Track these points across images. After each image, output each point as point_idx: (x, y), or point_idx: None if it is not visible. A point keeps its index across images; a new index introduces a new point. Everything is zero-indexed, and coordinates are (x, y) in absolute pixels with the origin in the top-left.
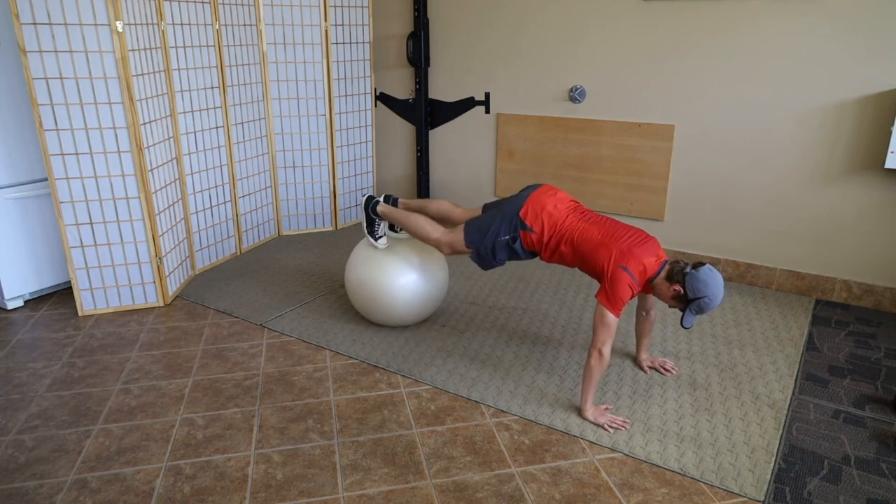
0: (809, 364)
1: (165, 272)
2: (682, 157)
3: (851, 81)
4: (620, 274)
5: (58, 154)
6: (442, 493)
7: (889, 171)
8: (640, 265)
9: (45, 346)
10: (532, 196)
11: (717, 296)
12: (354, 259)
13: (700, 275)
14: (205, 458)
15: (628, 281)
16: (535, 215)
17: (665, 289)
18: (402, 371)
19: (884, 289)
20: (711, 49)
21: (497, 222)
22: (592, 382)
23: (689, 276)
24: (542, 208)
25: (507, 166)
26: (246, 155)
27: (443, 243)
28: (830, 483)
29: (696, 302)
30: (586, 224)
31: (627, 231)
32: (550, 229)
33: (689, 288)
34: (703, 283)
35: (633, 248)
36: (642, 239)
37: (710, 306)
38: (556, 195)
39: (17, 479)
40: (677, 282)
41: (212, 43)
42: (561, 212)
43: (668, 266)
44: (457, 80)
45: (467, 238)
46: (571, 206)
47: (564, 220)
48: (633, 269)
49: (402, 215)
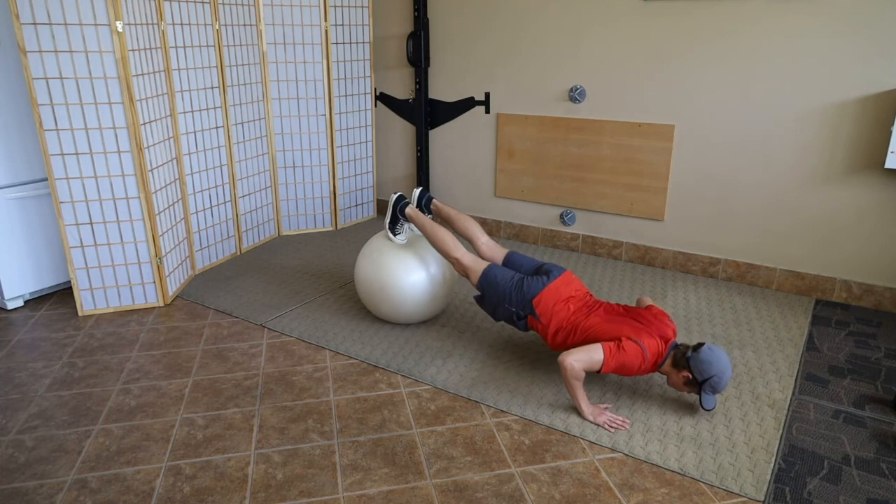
0: (809, 364)
1: (165, 272)
2: (682, 157)
3: (851, 81)
4: (633, 345)
5: (58, 154)
6: (442, 493)
7: (889, 171)
8: (655, 345)
9: (45, 346)
10: (549, 287)
11: (725, 371)
12: (367, 250)
13: (701, 356)
14: (205, 458)
15: (639, 352)
16: (546, 308)
17: (675, 376)
18: (402, 371)
19: (884, 289)
20: (711, 49)
21: (511, 294)
22: (575, 389)
23: (692, 360)
24: (554, 303)
25: (507, 166)
26: (246, 155)
27: (459, 264)
28: (830, 483)
29: (707, 382)
30: (596, 318)
31: (638, 314)
32: (557, 325)
33: (696, 371)
34: (706, 364)
35: (646, 329)
36: (651, 320)
37: (722, 383)
38: (571, 287)
39: (17, 479)
40: (683, 367)
41: (212, 43)
42: (571, 308)
43: (673, 352)
44: (457, 80)
45: (482, 282)
46: (583, 300)
47: (572, 316)
48: (647, 346)
49: (428, 225)
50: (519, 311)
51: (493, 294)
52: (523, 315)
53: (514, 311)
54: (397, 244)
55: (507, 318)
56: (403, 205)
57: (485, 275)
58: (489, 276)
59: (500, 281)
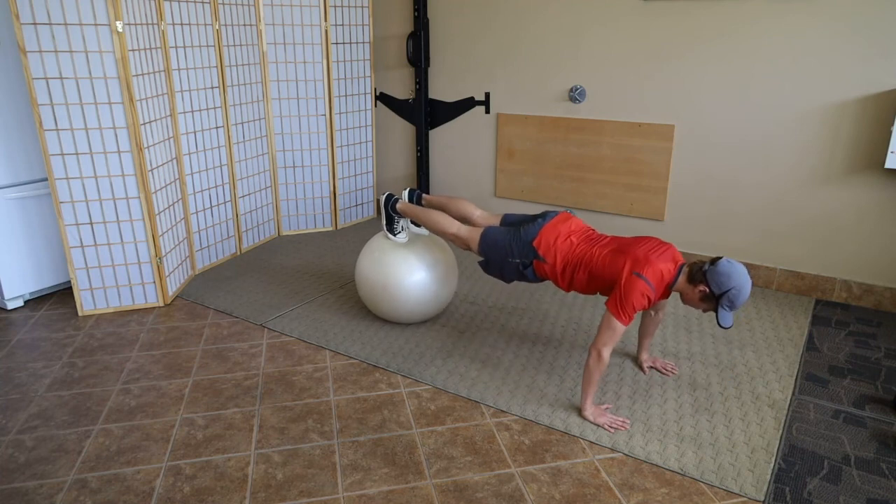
0: (809, 364)
1: (165, 272)
2: (682, 157)
3: (851, 81)
4: (635, 281)
5: (58, 154)
6: (442, 493)
7: (889, 171)
8: (658, 271)
9: (45, 346)
10: (546, 226)
11: (745, 284)
12: (369, 249)
13: (720, 268)
14: (205, 458)
15: (643, 288)
16: (547, 246)
17: (690, 292)
18: (402, 371)
19: (884, 289)
20: (711, 49)
21: (511, 245)
22: (591, 383)
23: (709, 272)
24: (554, 239)
25: (507, 166)
26: (246, 155)
27: (458, 238)
28: (830, 483)
29: (725, 296)
30: (599, 247)
31: (642, 241)
32: (563, 259)
33: (714, 284)
34: (725, 276)
35: (650, 255)
36: (657, 246)
37: (741, 296)
38: (570, 224)
39: (17, 479)
40: (700, 282)
41: (212, 43)
42: (573, 241)
43: (687, 269)
44: (457, 80)
45: (482, 245)
46: (585, 233)
47: (576, 248)
48: (650, 276)
49: (420, 211)
50: (524, 260)
51: (495, 253)
52: (528, 262)
53: (518, 262)
54: (399, 243)
55: (515, 272)
56: (394, 202)
57: (483, 236)
58: (487, 236)
59: (499, 237)
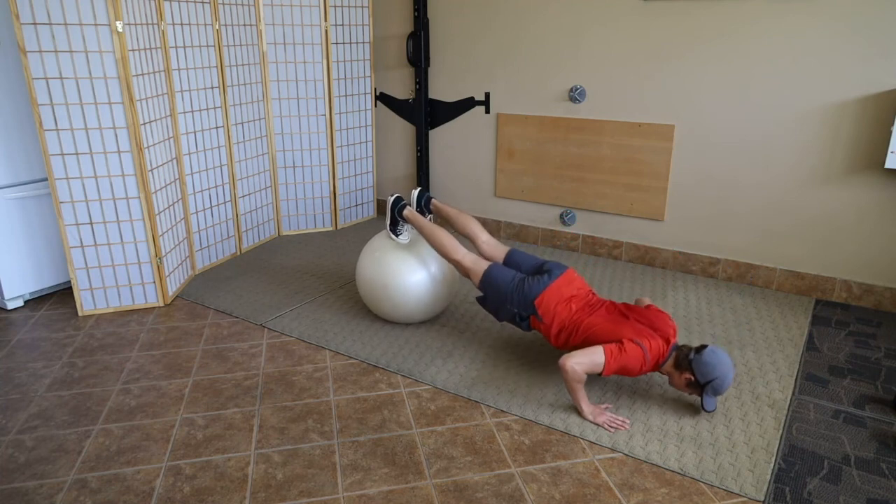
0: (809, 364)
1: (165, 272)
2: (682, 157)
3: (851, 81)
4: (635, 347)
5: (58, 154)
6: (442, 493)
7: (889, 171)
8: (658, 346)
9: (45, 346)
10: (551, 287)
11: (727, 374)
12: (369, 249)
13: (704, 358)
14: (205, 458)
15: (640, 354)
16: (547, 308)
17: (678, 378)
18: (402, 371)
19: (884, 289)
20: (711, 49)
21: (513, 295)
22: (575, 391)
23: (694, 361)
24: (555, 303)
25: (507, 166)
26: (246, 155)
27: (461, 266)
28: (830, 483)
29: (710, 385)
30: (597, 316)
31: (641, 312)
32: (560, 324)
33: (699, 373)
34: (709, 367)
35: (648, 329)
36: (653, 320)
37: (724, 385)
38: (573, 286)
39: (17, 479)
40: (686, 369)
41: (212, 43)
42: (573, 308)
43: (675, 353)
44: (457, 80)
45: (483, 282)
46: (585, 299)
47: (574, 315)
48: (649, 347)
49: (427, 228)
50: (521, 312)
51: (494, 295)
52: (525, 315)
53: (516, 312)
54: (400, 244)
55: (510, 318)
56: (401, 207)
57: (486, 276)
58: (490, 277)
59: (502, 282)
